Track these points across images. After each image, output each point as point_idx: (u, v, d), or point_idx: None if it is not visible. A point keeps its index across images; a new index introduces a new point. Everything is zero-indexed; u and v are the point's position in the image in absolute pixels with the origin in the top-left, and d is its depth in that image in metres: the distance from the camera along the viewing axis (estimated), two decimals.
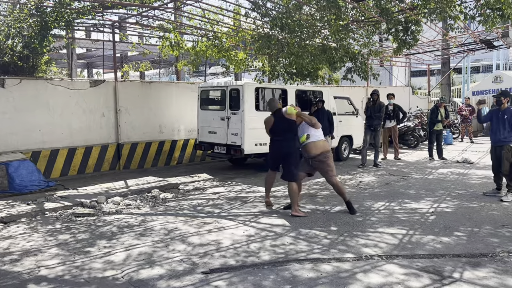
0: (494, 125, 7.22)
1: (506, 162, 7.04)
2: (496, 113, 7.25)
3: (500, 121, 7.09)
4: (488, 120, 7.50)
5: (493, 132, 7.26)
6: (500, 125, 7.08)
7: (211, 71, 30.52)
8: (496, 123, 7.15)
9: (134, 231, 5.54)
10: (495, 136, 7.21)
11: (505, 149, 7.06)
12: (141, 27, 10.59)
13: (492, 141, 7.35)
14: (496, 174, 7.39)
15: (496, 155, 7.24)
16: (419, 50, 17.39)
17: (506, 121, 7.01)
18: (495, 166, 7.36)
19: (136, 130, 10.57)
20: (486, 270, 4.13)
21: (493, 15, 7.96)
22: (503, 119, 7.05)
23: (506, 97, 7.18)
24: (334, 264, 4.30)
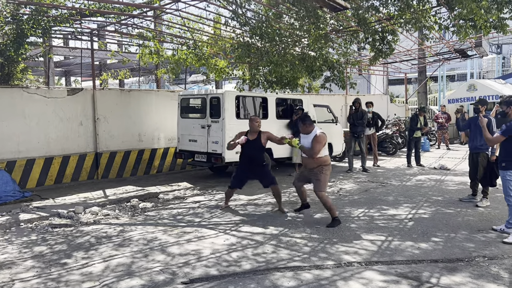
0: (472, 132, 7.39)
1: (482, 168, 7.21)
2: (474, 120, 7.35)
3: (477, 129, 7.13)
4: (467, 128, 7.66)
5: (471, 140, 7.43)
6: (477, 133, 7.17)
7: (191, 79, 30.44)
8: (474, 131, 7.29)
9: (112, 241, 5.45)
10: (472, 143, 7.37)
11: (481, 156, 7.23)
12: (120, 35, 10.51)
13: (470, 148, 7.51)
14: (473, 180, 7.55)
15: (474, 162, 7.39)
16: (396, 59, 17.75)
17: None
18: (472, 172, 7.52)
19: (115, 139, 10.44)
20: (462, 274, 4.21)
21: (466, 25, 8.20)
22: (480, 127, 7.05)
23: (483, 105, 7.37)
24: (315, 272, 4.32)
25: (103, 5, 8.73)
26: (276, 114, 10.53)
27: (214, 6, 9.06)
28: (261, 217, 6.59)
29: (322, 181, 6.19)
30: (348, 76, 14.71)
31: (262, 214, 6.78)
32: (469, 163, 7.58)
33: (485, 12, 7.69)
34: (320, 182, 6.17)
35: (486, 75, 27.16)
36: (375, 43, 9.69)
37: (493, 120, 7.08)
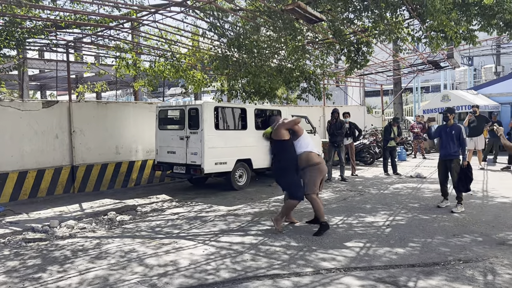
0: (443, 140, 7.61)
1: (456, 174, 7.45)
2: (444, 129, 7.66)
3: (449, 137, 7.50)
4: (437, 136, 7.89)
5: (443, 147, 7.64)
6: (449, 140, 7.48)
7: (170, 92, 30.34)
8: (446, 139, 7.55)
9: (89, 254, 5.34)
10: (445, 150, 7.58)
11: (455, 162, 7.48)
12: (96, 47, 10.43)
13: (442, 155, 7.69)
14: (443, 185, 7.80)
15: (446, 168, 7.64)
16: (372, 71, 18.13)
17: (454, 136, 7.43)
18: (442, 178, 7.77)
19: (91, 152, 10.29)
20: (438, 278, 4.27)
21: (437, 37, 8.45)
22: (451, 134, 7.47)
23: (451, 113, 7.66)
24: (294, 279, 4.32)
25: (79, 17, 8.67)
26: (255, 125, 10.58)
27: (192, 18, 9.10)
28: (241, 227, 6.57)
29: (311, 181, 6.12)
30: (324, 87, 14.92)
31: (242, 224, 6.75)
32: (440, 169, 7.80)
33: (455, 24, 7.96)
34: (308, 183, 6.14)
35: (459, 86, 27.97)
36: (350, 54, 9.89)
37: (463, 128, 7.48)
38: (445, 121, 7.72)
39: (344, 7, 8.58)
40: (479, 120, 13.21)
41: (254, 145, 10.42)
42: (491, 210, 7.29)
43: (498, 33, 8.58)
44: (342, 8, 8.57)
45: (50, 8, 8.07)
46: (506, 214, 6.95)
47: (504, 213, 7.07)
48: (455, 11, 8.03)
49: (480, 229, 6.08)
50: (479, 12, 8.18)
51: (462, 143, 7.39)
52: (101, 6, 8.04)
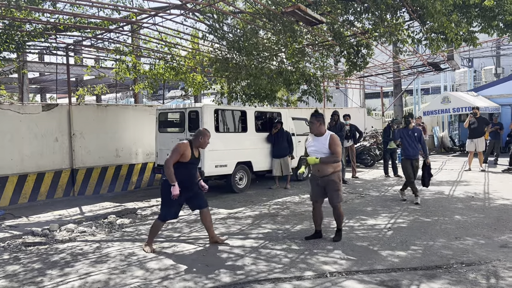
0: (408, 142, 8.45)
1: (418, 170, 8.52)
2: (406, 131, 8.52)
3: (412, 138, 8.41)
4: (399, 137, 8.67)
5: (406, 148, 8.48)
6: (413, 142, 8.41)
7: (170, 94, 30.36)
8: (410, 140, 8.43)
9: (89, 258, 5.31)
10: (412, 150, 8.43)
11: (417, 161, 8.50)
12: (96, 50, 10.42)
13: (407, 155, 8.48)
14: (411, 183, 8.45)
15: (413, 166, 8.45)
16: (372, 73, 18.11)
17: (416, 138, 8.39)
18: (410, 175, 8.44)
19: (91, 155, 10.26)
20: (441, 281, 4.24)
21: (437, 38, 8.44)
22: (414, 136, 8.40)
23: (412, 118, 8.68)
24: (295, 283, 4.29)
25: (78, 20, 8.66)
26: (255, 127, 10.56)
27: (192, 20, 9.09)
28: (241, 231, 6.54)
29: (340, 190, 5.71)
30: (324, 89, 14.91)
31: (242, 228, 6.72)
32: (407, 168, 8.49)
33: (455, 26, 7.95)
34: (339, 192, 5.68)
35: (459, 87, 27.98)
36: (350, 57, 9.87)
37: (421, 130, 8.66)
38: (406, 124, 8.56)
39: (344, 9, 8.57)
40: (479, 121, 13.18)
41: (255, 147, 10.40)
42: (493, 213, 7.25)
43: (498, 34, 8.58)
44: (342, 10, 8.56)
45: (49, 11, 8.06)
46: (508, 217, 6.92)
47: (506, 215, 7.03)
48: (456, 12, 8.03)
49: (482, 232, 6.05)
50: (480, 14, 8.18)
51: (423, 144, 8.45)
52: (101, 9, 8.03)
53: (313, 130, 5.72)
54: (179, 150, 5.38)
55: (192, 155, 5.51)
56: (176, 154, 5.36)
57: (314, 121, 5.69)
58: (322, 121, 5.73)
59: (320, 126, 5.68)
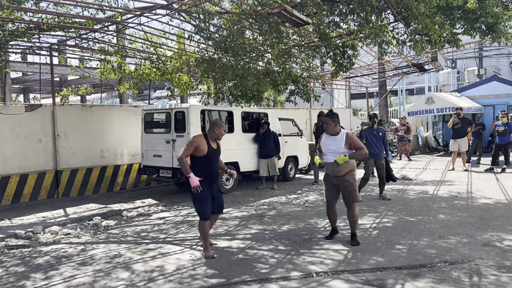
0: (373, 141, 8.71)
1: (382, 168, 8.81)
2: (371, 131, 8.80)
3: (376, 138, 8.74)
4: (363, 138, 8.85)
5: (372, 147, 8.60)
6: (378, 141, 8.73)
7: (155, 95, 30.17)
8: (375, 140, 8.72)
9: (73, 261, 5.25)
10: (377, 150, 8.70)
11: (382, 159, 8.78)
12: (80, 50, 10.30)
13: (372, 154, 8.49)
14: (367, 180, 9.04)
15: (376, 165, 8.81)
16: (357, 73, 18.26)
17: (379, 137, 8.76)
18: (369, 174, 9.01)
19: (76, 156, 10.14)
20: (425, 280, 4.30)
21: (421, 40, 8.55)
22: (378, 136, 8.76)
23: (377, 118, 9.12)
24: (281, 283, 4.30)
25: (62, 19, 8.55)
26: (242, 128, 10.56)
27: (177, 20, 9.05)
28: (228, 231, 6.53)
29: (356, 190, 5.64)
30: (312, 89, 14.99)
31: (229, 228, 6.72)
32: (370, 167, 8.98)
33: (439, 28, 8.05)
34: (355, 191, 5.61)
35: (443, 88, 28.38)
36: (336, 58, 9.93)
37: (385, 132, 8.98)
38: (372, 125, 8.92)
39: (330, 11, 8.62)
40: (463, 122, 13.39)
41: (241, 148, 10.40)
42: (476, 212, 7.38)
43: (480, 36, 8.70)
44: (328, 11, 8.61)
45: (32, 11, 7.94)
46: (490, 215, 7.04)
47: (488, 214, 7.16)
48: (439, 14, 8.14)
49: (465, 231, 6.15)
50: (462, 16, 8.30)
51: (385, 144, 8.88)
52: (85, 8, 7.94)
53: (329, 131, 5.66)
54: (192, 143, 5.18)
55: (210, 147, 5.27)
56: (189, 147, 5.16)
57: (329, 121, 5.63)
58: (337, 121, 5.69)
59: (336, 126, 5.64)
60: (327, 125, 5.66)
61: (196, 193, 5.13)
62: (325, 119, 5.72)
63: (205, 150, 5.22)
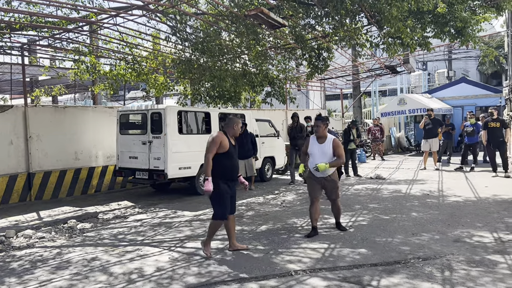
0: None
1: None
2: None
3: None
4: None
5: None
6: None
7: (130, 95, 29.76)
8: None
9: (49, 264, 5.16)
10: None
11: None
12: (54, 50, 10.10)
13: None
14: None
15: None
16: (332, 75, 18.53)
17: None
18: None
19: (49, 158, 9.94)
20: (399, 276, 4.43)
21: (394, 43, 8.77)
22: None
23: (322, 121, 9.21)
24: (261, 282, 4.36)
25: (35, 19, 8.37)
26: (219, 129, 10.57)
27: (154, 21, 8.99)
28: (207, 232, 6.53)
29: (338, 188, 6.23)
30: (288, 91, 15.13)
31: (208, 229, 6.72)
32: None
33: (411, 31, 8.29)
34: (337, 189, 6.20)
35: (415, 90, 29.04)
36: (311, 60, 10.08)
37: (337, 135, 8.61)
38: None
39: (306, 13, 8.75)
40: (434, 122, 13.79)
41: None
42: (447, 209, 7.63)
43: (450, 40, 9.00)
44: (304, 14, 8.73)
45: (3, 10, 7.75)
46: (460, 213, 7.30)
47: (458, 211, 7.41)
48: (411, 18, 8.38)
49: (437, 228, 6.35)
50: (433, 20, 8.56)
51: None
52: (59, 8, 7.81)
53: (319, 133, 5.94)
54: (216, 141, 5.14)
55: (230, 144, 5.27)
56: (214, 145, 5.13)
57: (320, 125, 5.93)
58: (327, 124, 6.07)
59: (325, 130, 5.99)
60: (318, 127, 5.95)
61: (217, 192, 5.13)
62: (317, 122, 6.01)
63: (227, 146, 5.22)
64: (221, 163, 5.18)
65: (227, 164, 5.23)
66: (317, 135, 6.00)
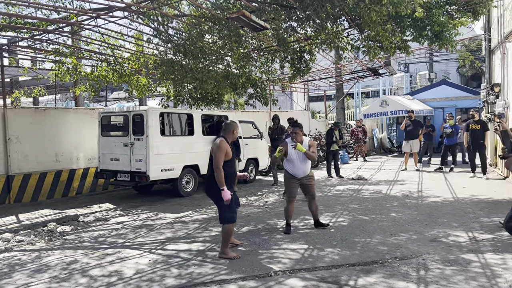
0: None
1: None
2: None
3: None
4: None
5: None
6: None
7: (114, 96, 29.49)
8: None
9: (28, 268, 5.12)
10: None
11: None
12: (33, 51, 9.97)
13: None
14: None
15: None
16: (315, 77, 18.69)
17: None
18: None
19: (29, 160, 9.82)
20: (376, 276, 4.53)
21: (374, 46, 8.91)
22: None
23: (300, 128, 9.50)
24: (240, 283, 4.40)
25: (14, 20, 8.27)
26: (202, 131, 10.59)
27: (136, 23, 8.95)
28: (188, 234, 6.56)
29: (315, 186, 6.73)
30: (270, 93, 15.20)
31: (189, 231, 6.75)
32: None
33: (390, 35, 8.44)
34: (315, 186, 6.68)
35: (397, 91, 29.43)
36: (294, 62, 10.17)
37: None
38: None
39: (287, 16, 8.82)
40: (414, 124, 14.02)
41: (202, 150, 10.41)
42: (425, 209, 7.78)
43: (428, 43, 9.18)
44: (286, 17, 8.81)
45: None
46: (438, 213, 7.46)
47: (436, 211, 7.57)
48: (390, 22, 8.51)
49: (415, 228, 6.49)
50: (412, 24, 8.73)
51: None
52: (39, 9, 7.73)
53: (298, 139, 6.36)
54: (223, 150, 5.14)
55: (232, 150, 5.37)
56: (222, 155, 5.12)
57: (298, 131, 6.39)
58: (303, 129, 6.61)
59: (302, 135, 6.50)
60: (296, 134, 6.37)
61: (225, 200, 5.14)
62: (295, 129, 6.44)
63: (230, 153, 5.27)
64: (226, 170, 5.17)
65: (230, 171, 5.28)
66: (297, 141, 6.35)
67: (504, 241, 5.61)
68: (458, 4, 9.00)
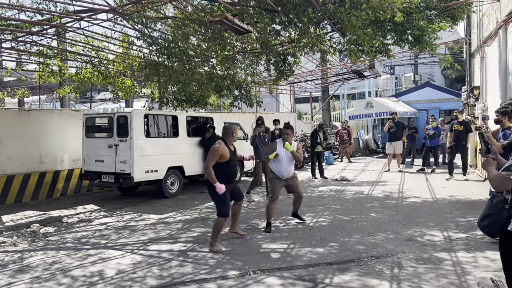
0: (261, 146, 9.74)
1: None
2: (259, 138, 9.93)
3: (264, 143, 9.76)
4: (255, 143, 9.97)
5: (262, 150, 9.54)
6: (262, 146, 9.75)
7: (100, 96, 29.36)
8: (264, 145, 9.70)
9: (10, 269, 5.16)
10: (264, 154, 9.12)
11: None
12: (17, 52, 9.95)
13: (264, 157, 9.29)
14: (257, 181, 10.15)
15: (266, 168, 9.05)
16: (301, 79, 18.87)
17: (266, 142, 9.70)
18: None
19: (12, 161, 9.79)
20: (351, 274, 4.67)
21: (356, 49, 9.10)
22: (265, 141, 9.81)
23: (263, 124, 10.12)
24: (219, 282, 4.51)
25: None
26: (187, 132, 10.66)
27: (120, 25, 9.00)
28: (171, 235, 6.64)
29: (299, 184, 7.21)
30: (255, 95, 15.32)
31: (172, 232, 6.83)
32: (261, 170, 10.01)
33: (371, 39, 8.62)
34: (299, 185, 7.17)
35: (382, 93, 29.80)
36: (278, 65, 10.30)
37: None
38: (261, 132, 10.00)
39: (271, 20, 8.95)
40: (398, 126, 14.26)
41: (186, 152, 10.50)
42: (404, 210, 7.97)
43: (409, 47, 9.39)
44: (269, 20, 8.93)
45: None
46: (416, 213, 7.64)
47: (414, 212, 7.76)
48: (371, 26, 8.71)
49: (393, 227, 6.65)
50: (392, 28, 8.93)
51: None
52: (22, 11, 7.74)
53: (289, 139, 6.80)
54: (215, 154, 5.58)
55: (230, 152, 5.76)
56: (214, 157, 5.57)
57: (289, 133, 6.88)
58: (293, 131, 7.22)
59: (292, 136, 7.01)
60: (287, 135, 6.83)
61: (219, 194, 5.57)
62: (286, 130, 6.96)
63: (228, 156, 5.70)
64: (223, 170, 5.66)
65: (226, 171, 5.73)
66: (287, 141, 6.76)
67: (477, 240, 5.80)
68: (437, 9, 9.23)
